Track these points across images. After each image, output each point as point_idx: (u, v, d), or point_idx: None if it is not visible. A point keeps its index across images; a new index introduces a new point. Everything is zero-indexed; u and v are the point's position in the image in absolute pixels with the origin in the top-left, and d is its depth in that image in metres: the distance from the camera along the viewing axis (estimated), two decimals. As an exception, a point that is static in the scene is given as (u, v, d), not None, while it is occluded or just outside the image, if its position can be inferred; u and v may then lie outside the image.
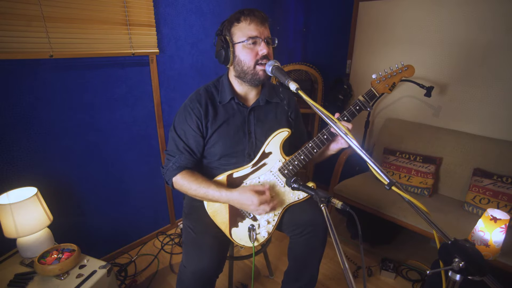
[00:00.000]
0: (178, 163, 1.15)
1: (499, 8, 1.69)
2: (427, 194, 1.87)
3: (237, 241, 1.21)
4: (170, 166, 1.15)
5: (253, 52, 1.07)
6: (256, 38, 1.06)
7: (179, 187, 1.17)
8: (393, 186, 0.69)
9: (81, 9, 1.44)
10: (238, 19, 1.07)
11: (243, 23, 1.06)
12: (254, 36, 1.06)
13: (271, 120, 1.24)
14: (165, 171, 1.18)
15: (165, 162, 1.19)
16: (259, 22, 1.06)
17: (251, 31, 1.06)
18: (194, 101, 1.15)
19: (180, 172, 1.15)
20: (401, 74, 1.11)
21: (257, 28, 1.06)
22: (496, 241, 1.21)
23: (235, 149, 1.18)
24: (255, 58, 1.08)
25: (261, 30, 1.07)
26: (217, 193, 1.12)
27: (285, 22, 2.64)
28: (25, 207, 1.23)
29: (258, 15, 1.07)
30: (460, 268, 0.60)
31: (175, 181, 1.16)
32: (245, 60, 1.08)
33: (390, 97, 2.24)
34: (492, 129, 1.84)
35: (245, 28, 1.06)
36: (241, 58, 1.08)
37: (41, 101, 1.44)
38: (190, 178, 1.14)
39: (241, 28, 1.07)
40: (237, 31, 1.07)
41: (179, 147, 1.16)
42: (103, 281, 1.25)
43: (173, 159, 1.16)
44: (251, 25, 1.06)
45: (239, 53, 1.08)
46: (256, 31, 1.06)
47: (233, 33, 1.08)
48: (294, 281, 1.33)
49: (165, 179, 1.20)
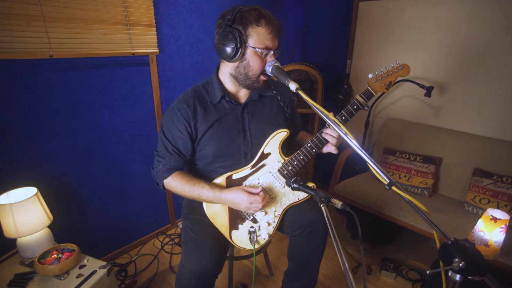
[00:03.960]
0: (169, 165, 1.14)
1: (498, 8, 1.69)
2: (427, 194, 1.87)
3: (237, 243, 1.20)
4: (161, 168, 1.15)
5: (263, 61, 1.05)
6: (270, 50, 1.04)
7: (171, 189, 1.17)
8: (393, 186, 0.69)
9: (81, 9, 1.44)
10: (258, 21, 1.00)
11: (264, 29, 1.01)
12: (270, 47, 1.04)
13: (266, 115, 1.21)
14: (155, 172, 1.17)
15: (155, 163, 1.18)
16: (276, 34, 1.04)
17: (269, 41, 1.03)
18: (181, 102, 1.13)
19: (171, 174, 1.15)
20: (396, 73, 1.12)
21: (274, 40, 1.04)
22: (496, 241, 1.21)
23: (229, 149, 1.16)
24: (262, 68, 1.06)
25: (275, 43, 1.06)
26: (211, 193, 1.12)
27: (285, 22, 2.64)
28: (25, 207, 1.23)
29: (277, 25, 1.04)
30: (460, 268, 0.60)
31: (167, 183, 1.16)
32: (253, 67, 1.05)
33: (390, 97, 2.24)
34: (492, 129, 1.84)
35: (264, 36, 1.02)
36: (251, 63, 1.05)
37: (41, 101, 1.44)
38: (182, 180, 1.14)
39: (260, 33, 1.01)
40: (254, 34, 1.01)
41: (168, 149, 1.14)
42: (103, 281, 1.25)
43: (163, 161, 1.15)
44: (270, 35, 1.02)
45: (250, 58, 1.04)
46: (273, 43, 1.04)
47: (249, 34, 1.01)
48: (294, 281, 1.33)
49: (155, 180, 1.19)
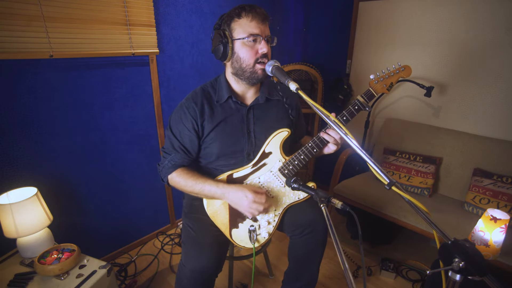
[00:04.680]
0: (174, 161, 1.16)
1: (499, 8, 1.69)
2: (427, 194, 1.87)
3: (237, 242, 1.20)
4: (166, 164, 1.17)
5: (253, 50, 1.05)
6: (257, 36, 1.04)
7: (174, 184, 1.18)
8: (393, 186, 0.69)
9: (81, 9, 1.44)
10: (239, 15, 1.04)
11: (244, 19, 1.04)
12: (256, 33, 1.04)
13: (271, 118, 1.22)
14: (161, 168, 1.19)
15: (162, 159, 1.20)
16: (260, 19, 1.04)
17: (253, 28, 1.03)
18: (189, 101, 1.14)
19: (175, 170, 1.16)
20: (398, 74, 1.12)
21: (259, 26, 1.04)
22: (496, 241, 1.21)
23: (233, 149, 1.17)
24: (255, 56, 1.06)
25: (262, 28, 1.05)
26: (214, 187, 1.12)
27: (285, 22, 2.63)
28: (25, 207, 1.23)
29: (260, 12, 1.05)
30: (460, 268, 0.60)
31: (171, 178, 1.17)
32: (245, 58, 1.06)
33: (390, 97, 2.24)
34: (492, 129, 1.84)
35: (246, 25, 1.03)
36: (240, 55, 1.06)
37: (41, 101, 1.44)
38: (186, 175, 1.15)
39: (242, 24, 1.04)
40: (237, 26, 1.04)
41: (175, 146, 1.16)
42: (103, 281, 1.25)
43: (169, 157, 1.16)
44: (252, 22, 1.03)
45: (238, 50, 1.06)
46: (257, 28, 1.04)
47: (233, 29, 1.05)
48: (294, 281, 1.33)
49: (160, 176, 1.21)
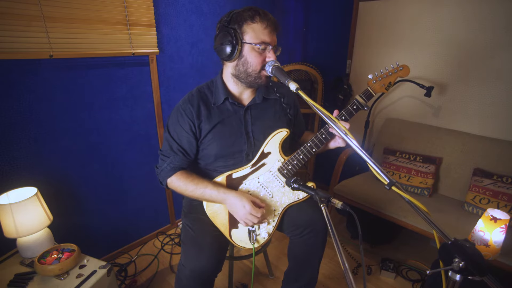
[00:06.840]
0: (173, 164, 1.15)
1: (499, 8, 1.69)
2: (427, 194, 1.87)
3: (237, 242, 1.20)
4: (165, 167, 1.16)
5: (262, 57, 1.06)
6: (268, 44, 1.05)
7: (174, 188, 1.17)
8: (393, 186, 0.69)
9: (81, 9, 1.44)
10: (253, 18, 1.03)
11: (259, 25, 1.03)
12: (267, 42, 1.05)
13: (269, 118, 1.22)
14: (159, 171, 1.18)
15: (159, 162, 1.19)
16: (273, 29, 1.06)
17: (266, 36, 1.04)
18: (186, 102, 1.15)
19: (175, 173, 1.16)
20: (396, 74, 1.12)
21: (271, 35, 1.05)
22: (496, 241, 1.21)
23: (232, 150, 1.17)
24: (262, 64, 1.07)
25: (273, 38, 1.06)
26: (214, 191, 1.12)
27: (285, 22, 2.64)
28: (25, 207, 1.23)
29: (273, 21, 1.06)
30: (460, 268, 0.60)
31: (170, 182, 1.17)
32: (252, 63, 1.06)
33: (390, 97, 2.24)
34: (492, 129, 1.84)
35: (259, 31, 1.03)
36: (249, 59, 1.06)
37: (41, 101, 1.44)
38: (186, 179, 1.14)
39: (255, 29, 1.03)
40: (250, 30, 1.04)
41: (173, 148, 1.15)
42: (103, 281, 1.25)
43: (168, 160, 1.16)
44: (266, 30, 1.04)
45: (247, 54, 1.06)
46: (270, 37, 1.05)
47: (245, 31, 1.04)
48: (294, 281, 1.33)
49: (159, 179, 1.20)
